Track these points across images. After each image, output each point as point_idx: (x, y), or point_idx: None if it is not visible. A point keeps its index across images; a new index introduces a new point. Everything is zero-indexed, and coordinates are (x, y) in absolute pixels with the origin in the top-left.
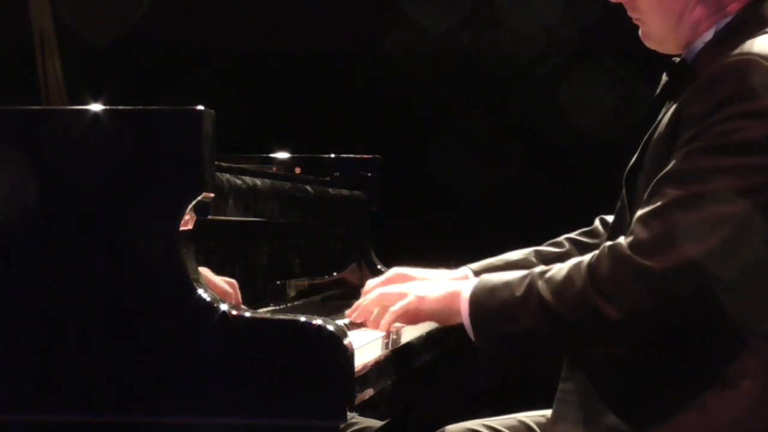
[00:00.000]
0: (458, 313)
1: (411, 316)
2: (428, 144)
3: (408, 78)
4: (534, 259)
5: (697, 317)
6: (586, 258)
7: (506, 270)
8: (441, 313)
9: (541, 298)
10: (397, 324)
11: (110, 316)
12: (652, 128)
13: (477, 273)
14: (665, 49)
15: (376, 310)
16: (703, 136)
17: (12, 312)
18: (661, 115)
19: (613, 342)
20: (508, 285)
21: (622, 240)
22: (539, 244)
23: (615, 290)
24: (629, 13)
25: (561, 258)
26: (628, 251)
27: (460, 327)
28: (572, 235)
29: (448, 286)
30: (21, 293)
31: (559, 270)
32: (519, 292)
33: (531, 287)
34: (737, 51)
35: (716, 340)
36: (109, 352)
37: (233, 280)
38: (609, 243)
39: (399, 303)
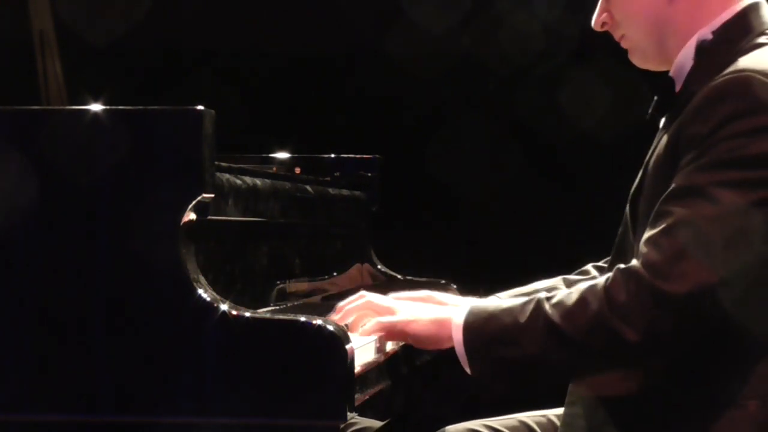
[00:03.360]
0: (449, 339)
1: (395, 334)
2: (428, 144)
3: (408, 78)
4: (563, 286)
5: (707, 338)
6: (600, 281)
7: None
8: (428, 339)
9: (550, 323)
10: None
11: (110, 316)
12: (650, 151)
13: None
14: (651, 63)
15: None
16: (708, 154)
17: (12, 312)
18: (658, 138)
19: (629, 365)
20: (508, 311)
21: (635, 262)
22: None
23: (633, 313)
24: (614, 36)
25: None
26: (645, 274)
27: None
28: (598, 263)
29: (438, 311)
30: (21, 293)
31: (568, 294)
32: (523, 318)
33: (537, 312)
34: (731, 68)
35: (724, 361)
36: (109, 352)
37: None
38: (622, 266)
39: (388, 318)
